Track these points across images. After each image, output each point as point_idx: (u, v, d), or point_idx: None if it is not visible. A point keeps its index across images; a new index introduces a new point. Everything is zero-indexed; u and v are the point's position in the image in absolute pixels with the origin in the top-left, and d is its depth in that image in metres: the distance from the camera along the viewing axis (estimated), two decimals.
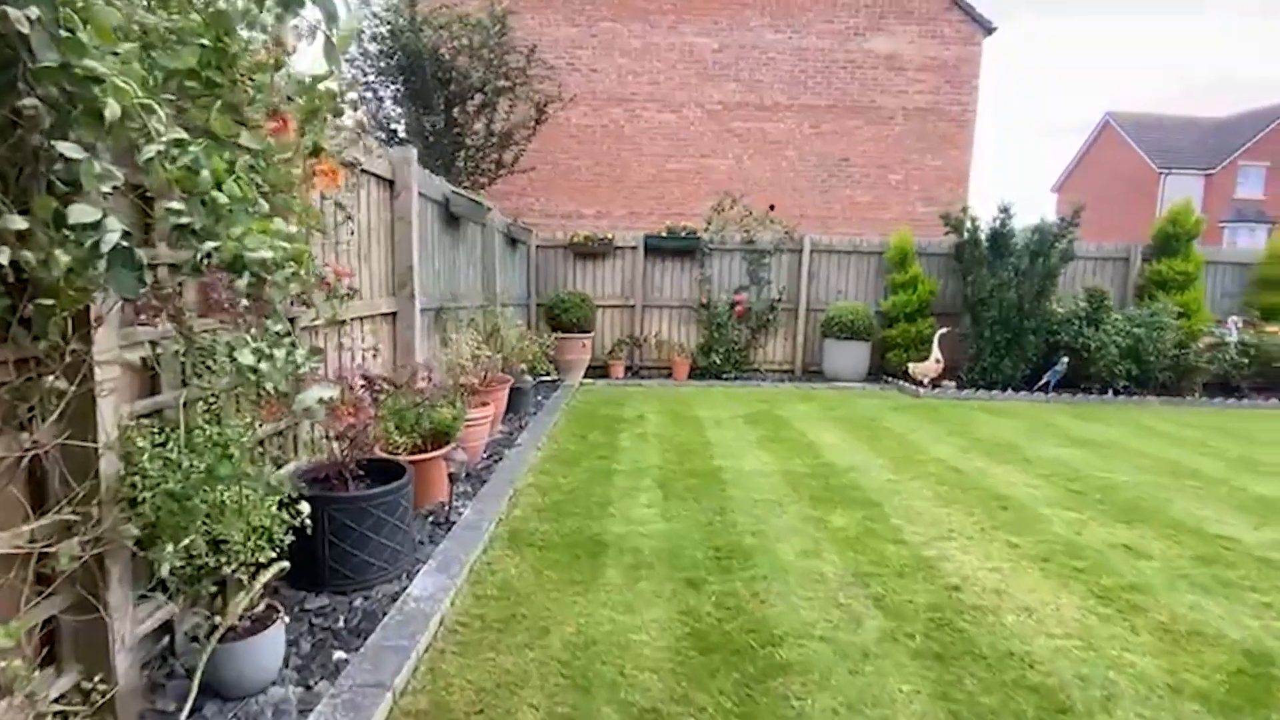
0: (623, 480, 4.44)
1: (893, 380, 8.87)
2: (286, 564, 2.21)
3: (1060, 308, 8.40)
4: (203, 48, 1.41)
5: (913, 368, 8.56)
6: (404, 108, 9.00)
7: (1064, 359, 8.11)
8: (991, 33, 11.66)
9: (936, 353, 8.44)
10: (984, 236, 8.49)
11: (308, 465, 3.01)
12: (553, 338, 7.57)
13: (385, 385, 3.04)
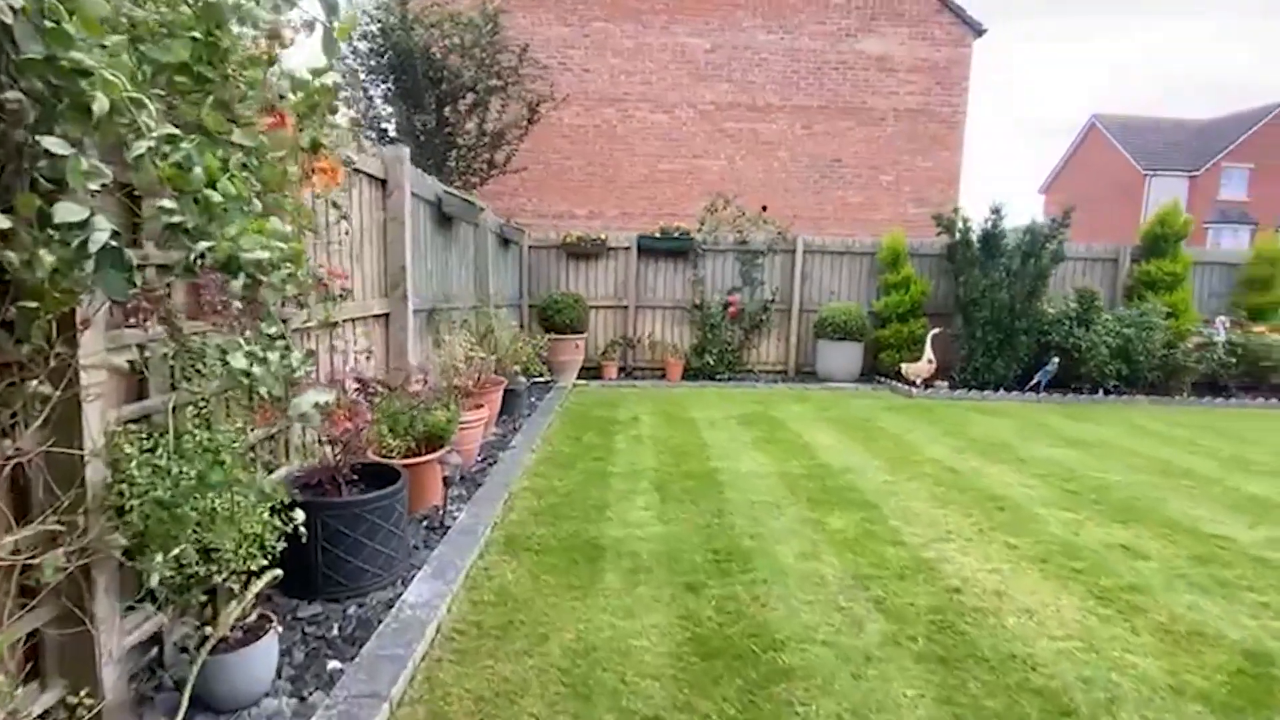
0: (619, 483, 4.40)
1: (885, 381, 8.89)
2: (279, 572, 2.16)
3: (1051, 308, 8.44)
4: (194, 41, 1.37)
5: (905, 368, 8.58)
6: (394, 107, 8.91)
7: (1055, 359, 8.15)
8: (981, 34, 11.73)
9: (929, 353, 8.46)
10: (976, 237, 8.52)
11: (300, 470, 2.95)
12: (546, 339, 7.52)
13: (379, 388, 2.99)
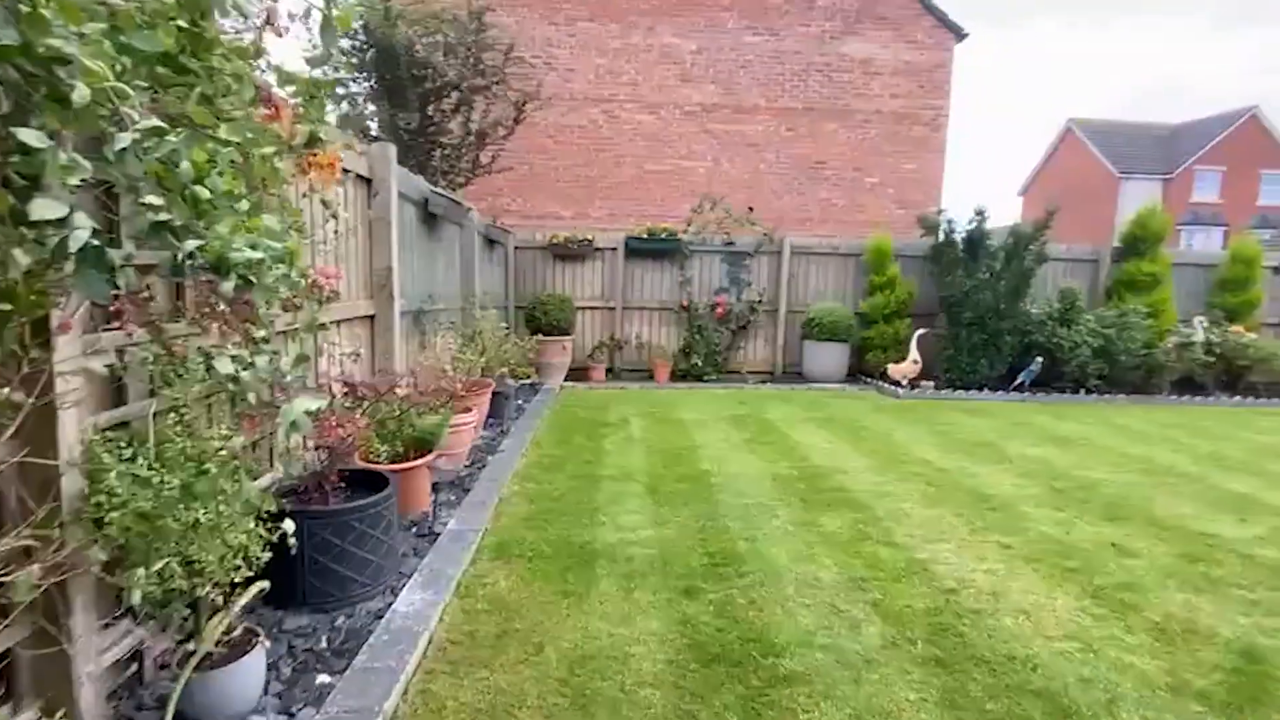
0: (610, 486, 4.35)
1: (871, 381, 8.94)
2: (266, 584, 2.08)
3: (1034, 309, 8.55)
4: (180, 30, 1.30)
5: (891, 369, 8.63)
6: (376, 105, 8.77)
7: (1038, 359, 8.24)
8: (963, 38, 11.87)
9: (914, 353, 8.52)
10: (960, 239, 8.60)
11: (284, 477, 2.87)
12: (533, 340, 7.44)
13: (368, 392, 2.92)
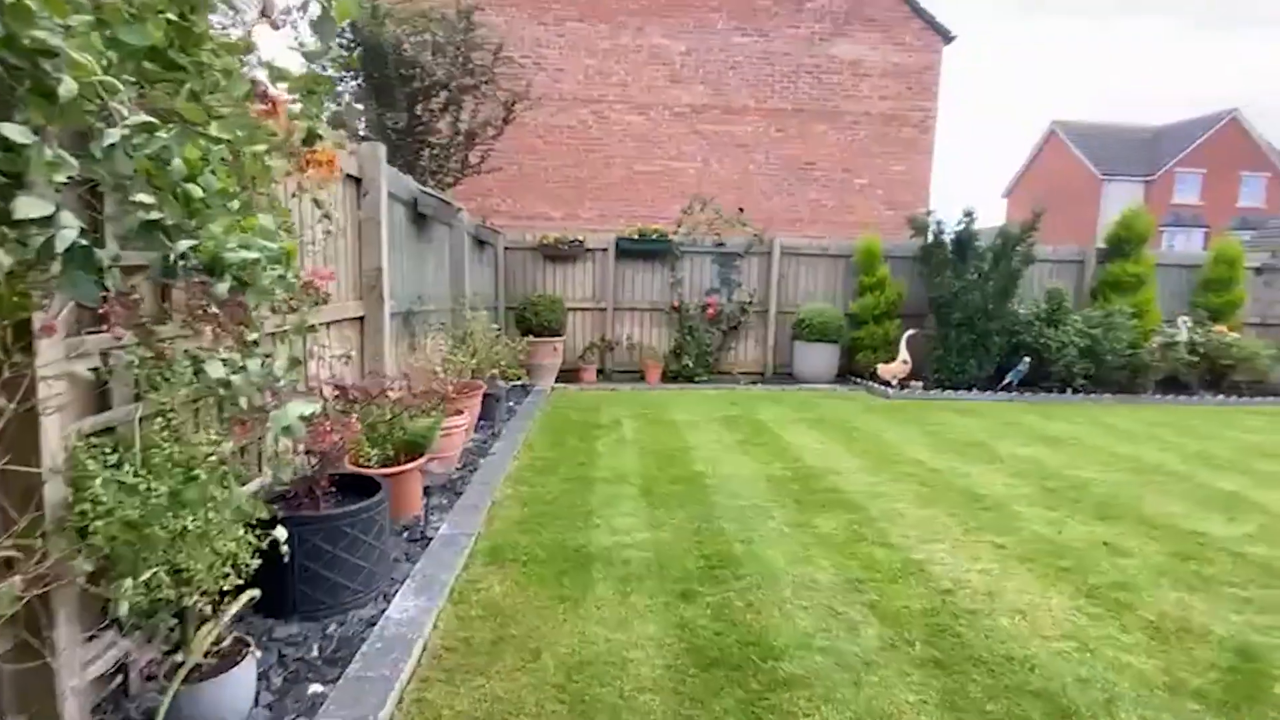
0: (604, 488, 4.32)
1: (861, 381, 8.96)
2: (257, 592, 2.03)
3: (1022, 309, 8.62)
4: (169, 22, 1.26)
5: (881, 369, 8.66)
6: (364, 104, 8.67)
7: (1026, 359, 8.31)
8: (950, 41, 11.96)
9: (904, 354, 8.55)
10: (949, 240, 8.65)
11: (273, 482, 2.81)
12: (524, 342, 7.39)
13: (360, 395, 2.87)
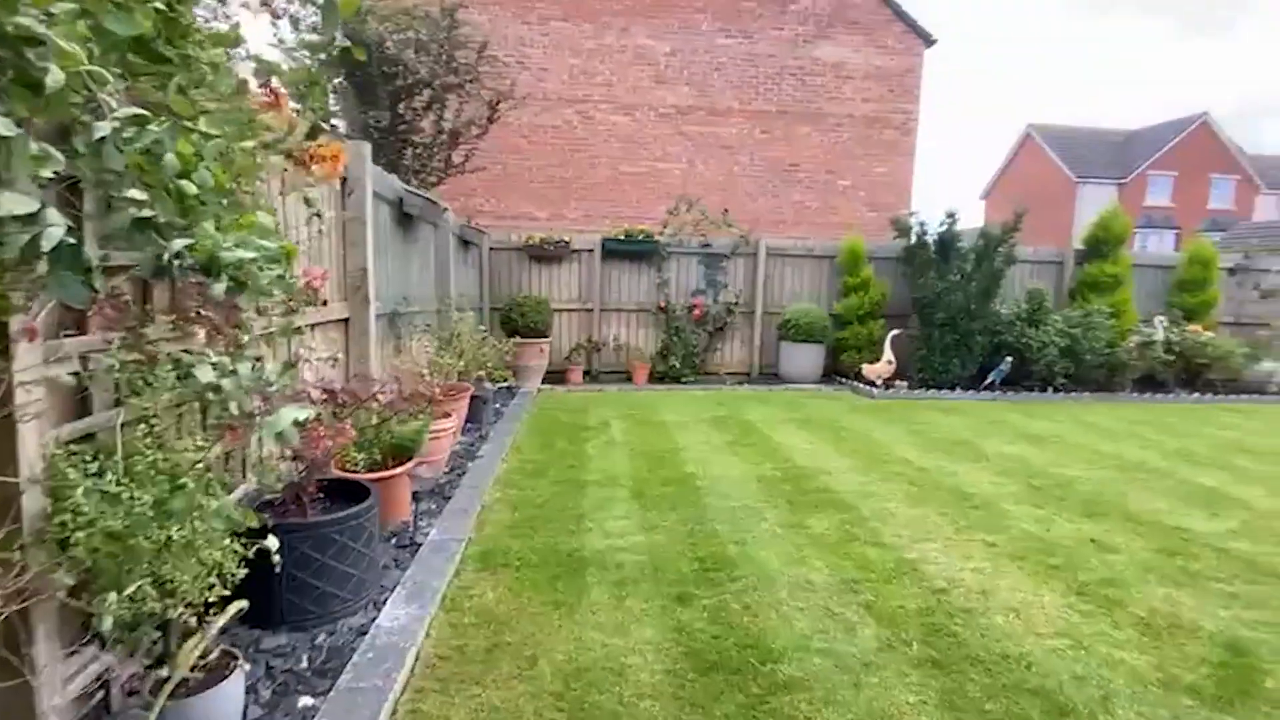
0: (595, 491, 4.28)
1: (847, 381, 9.02)
2: (245, 603, 1.97)
3: (1004, 309, 8.73)
4: (157, 11, 1.20)
5: (866, 369, 8.72)
6: (345, 102, 8.54)
7: (1008, 358, 8.42)
8: (932, 44, 12.10)
9: (888, 354, 8.62)
10: (932, 241, 8.74)
11: (258, 489, 2.74)
12: (510, 343, 7.32)
13: (349, 399, 2.80)
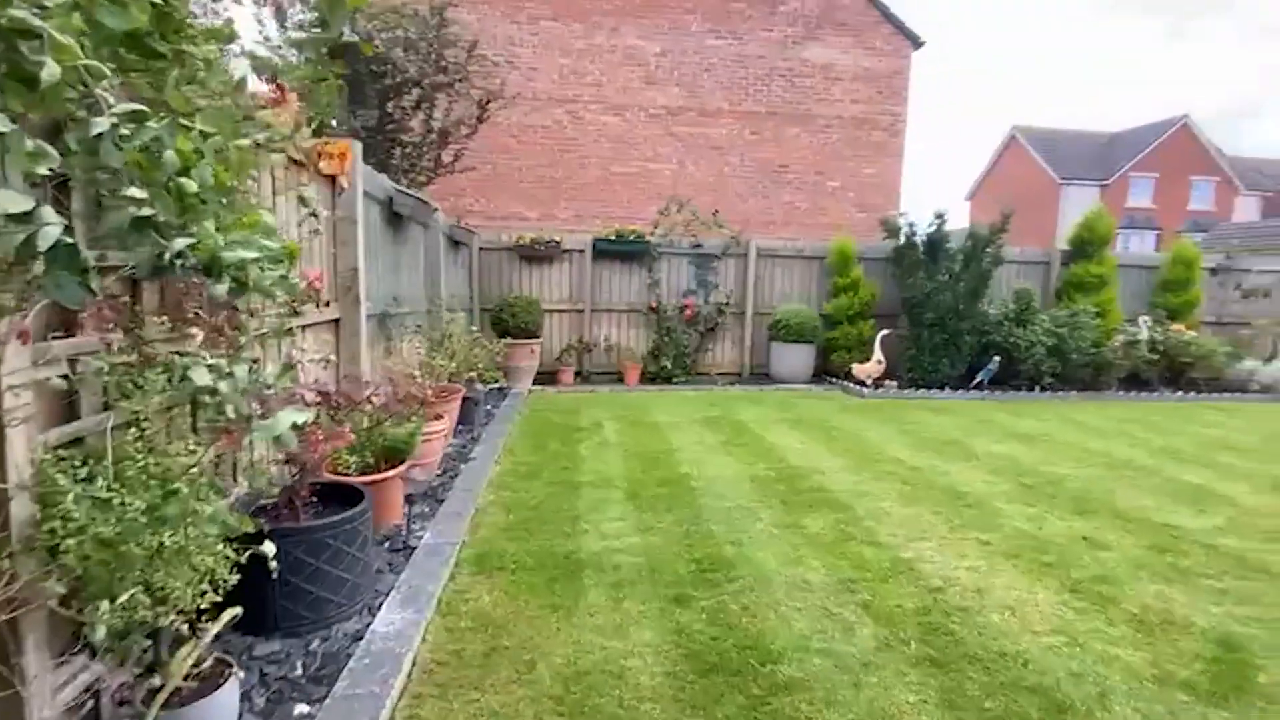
0: (590, 492, 4.26)
1: (837, 381, 9.06)
2: (239, 610, 1.94)
3: (992, 309, 8.81)
4: (152, 5, 1.17)
5: (856, 369, 8.77)
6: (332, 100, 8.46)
7: (996, 358, 8.50)
8: (920, 46, 12.18)
9: (878, 353, 8.67)
10: (921, 242, 8.80)
11: (249, 493, 2.69)
12: (502, 344, 7.28)
13: (343, 401, 2.77)
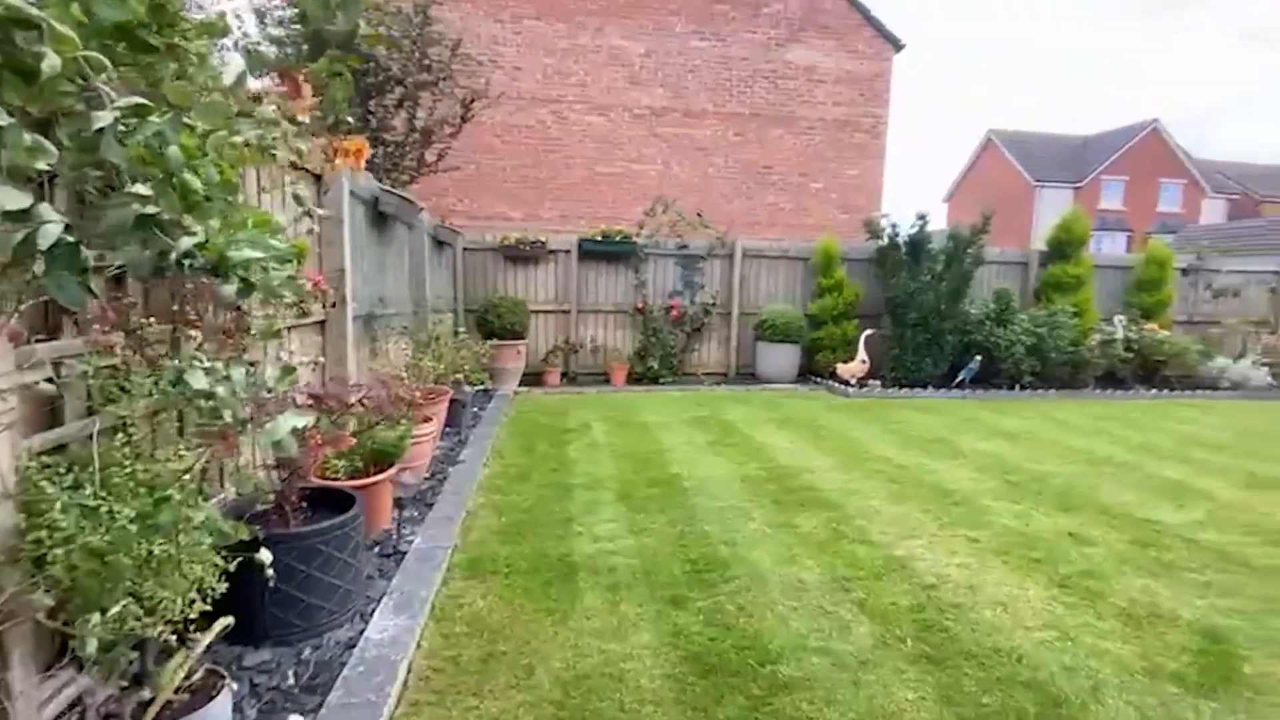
0: (581, 494, 4.24)
1: (822, 381, 9.13)
2: (230, 620, 1.89)
3: (973, 309, 8.93)
4: None
5: (840, 368, 8.85)
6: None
7: (978, 357, 8.63)
8: (901, 49, 12.34)
9: (862, 353, 8.76)
10: (903, 242, 8.90)
11: (239, 499, 2.63)
12: (487, 345, 7.21)
13: (335, 404, 2.71)
